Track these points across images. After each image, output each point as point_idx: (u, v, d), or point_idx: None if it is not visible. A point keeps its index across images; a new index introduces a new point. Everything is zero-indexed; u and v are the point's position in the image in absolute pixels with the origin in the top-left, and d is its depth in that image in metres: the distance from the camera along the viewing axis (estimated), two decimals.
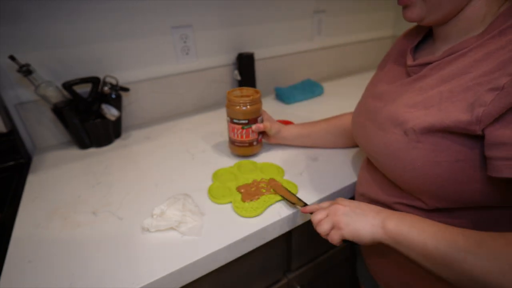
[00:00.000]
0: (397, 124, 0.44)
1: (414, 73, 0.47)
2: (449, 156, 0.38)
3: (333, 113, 0.78)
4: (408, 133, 0.41)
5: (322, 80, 1.33)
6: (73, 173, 0.74)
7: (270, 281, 0.69)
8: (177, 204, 0.55)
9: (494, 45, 0.36)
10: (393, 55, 0.55)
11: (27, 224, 0.57)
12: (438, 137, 0.39)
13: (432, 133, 0.39)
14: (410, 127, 0.41)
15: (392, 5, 1.47)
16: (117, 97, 0.87)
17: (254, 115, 0.69)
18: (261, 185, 0.63)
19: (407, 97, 0.44)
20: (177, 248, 0.49)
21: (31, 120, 0.85)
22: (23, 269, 0.48)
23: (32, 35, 0.79)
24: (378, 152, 0.48)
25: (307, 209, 0.52)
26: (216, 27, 1.04)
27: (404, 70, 0.50)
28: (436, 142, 0.39)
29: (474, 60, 0.37)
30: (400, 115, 0.43)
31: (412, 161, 0.41)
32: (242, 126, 0.69)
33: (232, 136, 0.73)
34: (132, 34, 0.91)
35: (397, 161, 0.44)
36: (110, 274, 0.46)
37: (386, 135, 0.45)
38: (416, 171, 0.41)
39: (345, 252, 0.82)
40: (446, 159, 0.38)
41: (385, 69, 0.56)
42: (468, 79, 0.36)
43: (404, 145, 0.42)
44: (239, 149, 0.73)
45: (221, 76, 1.11)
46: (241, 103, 0.67)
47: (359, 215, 0.44)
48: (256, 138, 0.72)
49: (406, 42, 0.54)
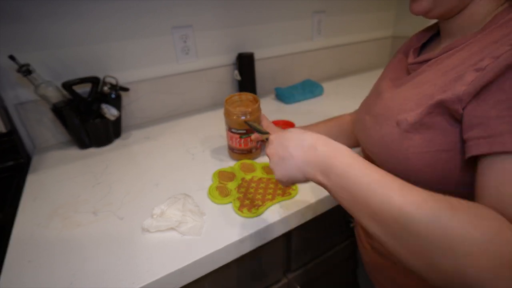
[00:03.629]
0: (391, 116, 0.45)
1: (413, 70, 0.48)
2: (435, 145, 0.39)
3: (333, 113, 0.78)
4: (400, 123, 0.42)
5: (322, 80, 1.33)
6: (73, 173, 0.74)
7: (270, 281, 0.69)
8: (177, 204, 0.55)
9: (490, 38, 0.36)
10: (398, 57, 0.57)
11: (27, 224, 0.57)
12: (427, 126, 0.39)
13: (422, 123, 0.40)
14: (404, 118, 0.42)
15: (392, 5, 1.47)
16: (117, 97, 0.87)
17: None
18: (260, 185, 0.63)
19: (403, 91, 0.46)
20: (177, 248, 0.49)
21: (31, 120, 0.85)
22: (23, 269, 0.48)
23: (32, 35, 0.79)
24: (374, 145, 0.48)
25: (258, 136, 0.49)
26: (216, 27, 1.04)
27: (405, 68, 0.51)
28: (424, 131, 0.40)
29: (470, 53, 0.38)
30: (395, 107, 0.45)
31: (403, 152, 0.42)
32: (240, 136, 0.69)
33: (230, 144, 0.73)
34: (132, 34, 0.91)
35: (390, 152, 0.44)
36: (110, 274, 0.46)
37: (382, 128, 0.46)
38: (409, 161, 0.42)
39: (345, 252, 0.82)
40: (432, 149, 0.39)
41: (389, 67, 0.57)
42: (461, 69, 0.37)
43: (396, 137, 0.43)
44: (238, 156, 0.74)
45: (221, 76, 1.11)
46: (239, 114, 0.66)
47: (285, 165, 0.40)
48: (254, 146, 0.72)
49: (415, 40, 0.55)
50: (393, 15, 1.50)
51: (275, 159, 0.42)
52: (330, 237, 0.76)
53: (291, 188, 0.62)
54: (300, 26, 1.23)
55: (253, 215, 0.55)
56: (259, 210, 0.56)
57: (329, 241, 0.77)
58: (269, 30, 1.15)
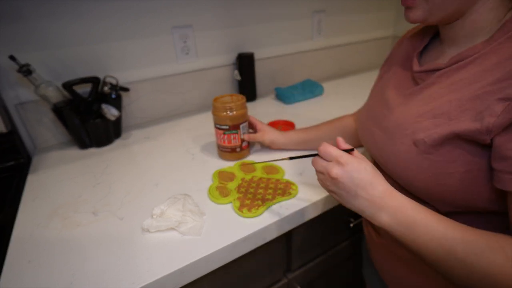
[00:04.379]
0: (406, 135, 0.43)
1: (421, 79, 0.46)
2: (460, 166, 0.38)
3: (333, 113, 0.78)
4: (418, 144, 0.41)
5: (322, 80, 1.33)
6: (73, 173, 0.74)
7: (270, 281, 0.69)
8: (177, 204, 0.55)
9: (503, 53, 0.35)
10: (399, 58, 0.55)
11: (27, 224, 0.57)
12: (449, 148, 0.38)
13: (443, 144, 0.39)
14: (421, 138, 0.40)
15: (392, 5, 1.47)
16: (117, 97, 0.87)
17: (236, 121, 0.69)
18: (260, 185, 0.63)
19: (415, 106, 0.44)
20: (177, 248, 0.49)
21: (31, 120, 0.85)
22: (23, 269, 0.48)
23: (32, 35, 0.79)
24: (388, 161, 0.47)
25: None
26: (216, 27, 1.04)
27: (410, 76, 0.50)
28: (447, 153, 0.39)
29: (483, 69, 0.37)
30: (409, 125, 0.43)
31: (424, 171, 0.41)
32: (223, 132, 0.70)
33: (217, 141, 0.74)
34: (132, 34, 0.91)
35: (407, 171, 0.43)
36: (110, 274, 0.46)
37: (395, 145, 0.45)
38: (428, 181, 0.41)
39: (345, 252, 0.82)
40: (457, 170, 0.38)
41: (390, 72, 0.55)
42: (477, 88, 0.36)
43: (414, 156, 0.42)
44: (223, 154, 0.74)
45: (221, 76, 1.11)
46: (222, 108, 0.68)
47: (351, 198, 0.40)
48: (239, 145, 0.72)
49: (412, 45, 0.53)
50: (393, 15, 1.50)
51: (340, 186, 0.41)
52: (330, 237, 0.76)
53: (291, 188, 0.62)
54: (300, 26, 1.23)
55: (253, 215, 0.55)
56: (259, 210, 0.56)
57: (329, 241, 0.77)
58: (269, 30, 1.15)
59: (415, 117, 0.43)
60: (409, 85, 0.49)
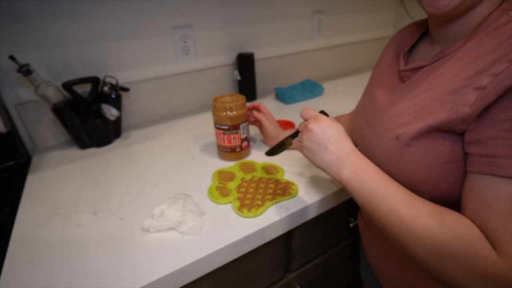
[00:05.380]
0: (390, 129, 0.45)
1: (407, 77, 0.47)
2: (441, 157, 0.39)
3: (333, 113, 0.78)
4: (400, 137, 0.42)
5: (322, 80, 1.33)
6: (73, 173, 0.74)
7: (270, 281, 0.69)
8: (177, 204, 0.55)
9: (483, 48, 0.36)
10: (388, 58, 0.56)
11: (27, 224, 0.57)
12: (429, 140, 0.39)
13: (423, 137, 0.40)
14: (403, 132, 0.42)
15: (392, 5, 1.47)
16: (117, 97, 0.87)
17: (236, 121, 0.69)
18: (260, 185, 0.63)
19: (400, 103, 0.45)
20: (177, 248, 0.49)
21: (31, 120, 0.85)
22: (23, 269, 0.48)
23: (32, 35, 0.79)
24: (374, 156, 0.48)
25: None
26: (216, 27, 1.04)
27: (397, 74, 0.51)
28: (427, 145, 0.40)
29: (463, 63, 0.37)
30: (393, 121, 0.44)
31: (407, 164, 0.42)
32: (223, 132, 0.70)
33: (217, 142, 0.74)
34: (132, 34, 0.91)
35: (392, 165, 0.44)
36: (110, 274, 0.46)
37: (380, 140, 0.46)
38: (412, 173, 0.42)
39: (345, 252, 0.82)
40: (438, 161, 0.39)
41: (380, 72, 0.57)
42: (456, 82, 0.37)
43: (397, 150, 0.43)
44: (223, 154, 0.74)
45: (221, 76, 1.11)
46: (222, 108, 0.68)
47: (321, 151, 0.44)
48: (239, 145, 0.72)
49: (400, 44, 0.54)
50: (393, 15, 1.50)
51: (314, 138, 0.44)
52: (330, 237, 0.76)
53: (291, 188, 0.62)
54: (300, 26, 1.23)
55: (253, 215, 0.55)
56: (259, 210, 0.56)
57: (329, 241, 0.77)
58: (269, 30, 1.15)
59: (399, 113, 0.44)
60: (396, 83, 0.50)
